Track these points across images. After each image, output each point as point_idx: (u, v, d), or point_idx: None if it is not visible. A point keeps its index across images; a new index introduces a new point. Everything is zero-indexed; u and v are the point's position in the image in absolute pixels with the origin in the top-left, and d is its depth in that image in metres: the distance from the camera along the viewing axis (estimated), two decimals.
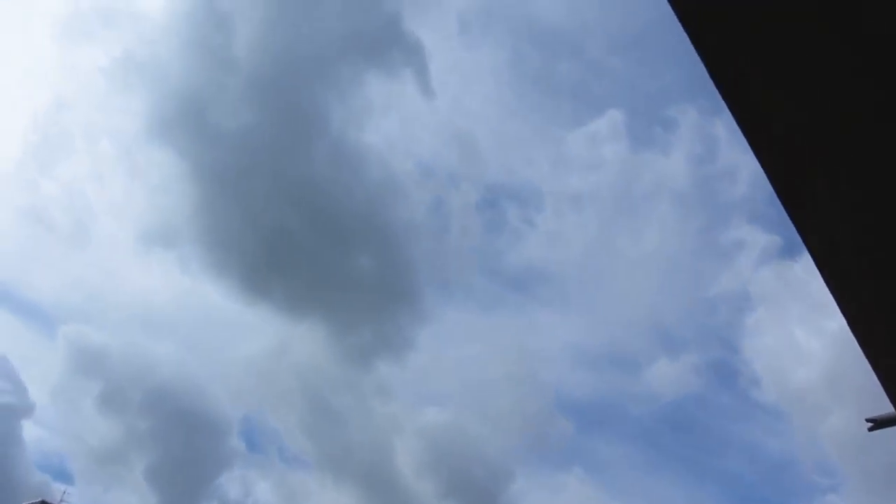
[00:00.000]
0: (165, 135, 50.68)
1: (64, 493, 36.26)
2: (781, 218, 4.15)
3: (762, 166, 3.09)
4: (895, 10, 2.46)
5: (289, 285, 51.83)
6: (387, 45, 50.22)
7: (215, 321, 60.33)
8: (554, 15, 58.72)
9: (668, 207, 60.96)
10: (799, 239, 3.83)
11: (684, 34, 2.82)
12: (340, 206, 49.17)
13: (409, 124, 59.05)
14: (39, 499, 35.37)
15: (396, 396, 54.50)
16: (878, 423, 5.49)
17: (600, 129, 57.20)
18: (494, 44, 59.98)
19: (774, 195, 3.55)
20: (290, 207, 49.48)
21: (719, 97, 3.10)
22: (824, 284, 4.04)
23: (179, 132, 49.84)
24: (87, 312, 59.68)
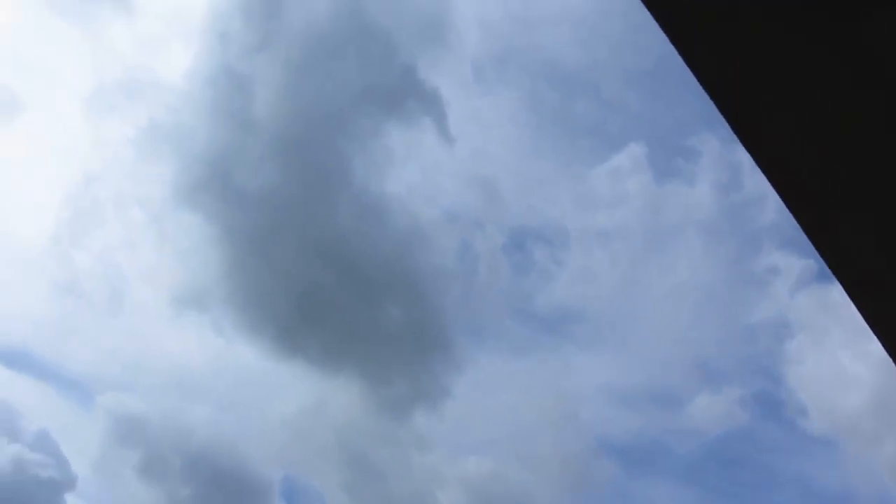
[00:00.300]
0: (193, 199, 51.39)
1: None
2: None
3: (758, 167, 2.94)
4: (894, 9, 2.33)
5: (322, 340, 51.82)
6: (404, 95, 50.81)
7: (250, 380, 60.31)
8: (567, 56, 59.09)
9: (697, 238, 60.25)
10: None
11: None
12: (368, 258, 49.32)
13: (430, 172, 59.31)
14: None
15: (436, 447, 53.57)
16: None
17: (622, 164, 56.95)
18: (510, 88, 60.40)
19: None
20: (319, 262, 49.74)
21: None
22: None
23: (206, 196, 50.57)
24: (123, 380, 60.00)
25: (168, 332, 58.81)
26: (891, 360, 4.22)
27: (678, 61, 2.93)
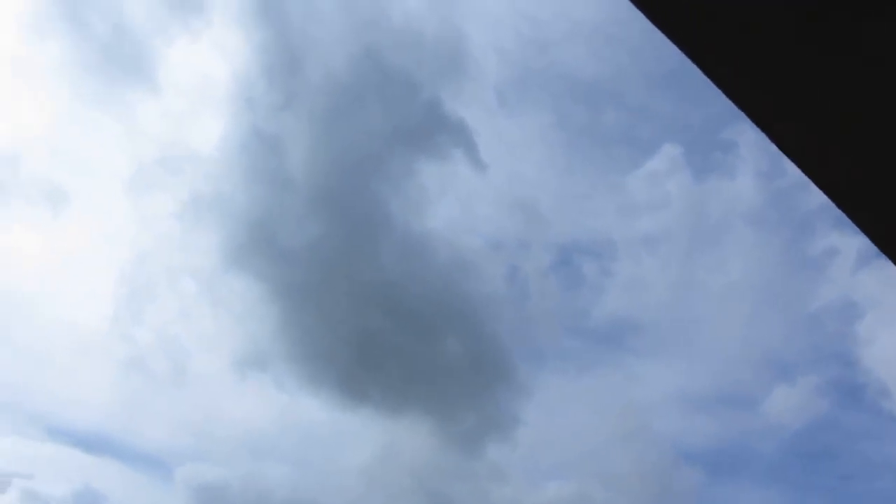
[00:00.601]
0: (241, 262, 52.44)
1: None
2: None
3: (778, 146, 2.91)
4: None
5: (384, 384, 51.97)
6: (431, 130, 51.37)
7: (319, 433, 60.65)
8: (586, 69, 59.08)
9: (745, 230, 59.10)
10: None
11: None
12: (418, 296, 49.58)
13: (467, 202, 59.60)
14: None
15: (513, 476, 52.96)
16: None
17: (659, 168, 56.34)
18: (535, 108, 60.54)
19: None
20: (371, 307, 50.11)
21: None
22: None
23: (254, 257, 51.57)
24: (197, 449, 60.77)
25: (233, 395, 59.61)
26: None
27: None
